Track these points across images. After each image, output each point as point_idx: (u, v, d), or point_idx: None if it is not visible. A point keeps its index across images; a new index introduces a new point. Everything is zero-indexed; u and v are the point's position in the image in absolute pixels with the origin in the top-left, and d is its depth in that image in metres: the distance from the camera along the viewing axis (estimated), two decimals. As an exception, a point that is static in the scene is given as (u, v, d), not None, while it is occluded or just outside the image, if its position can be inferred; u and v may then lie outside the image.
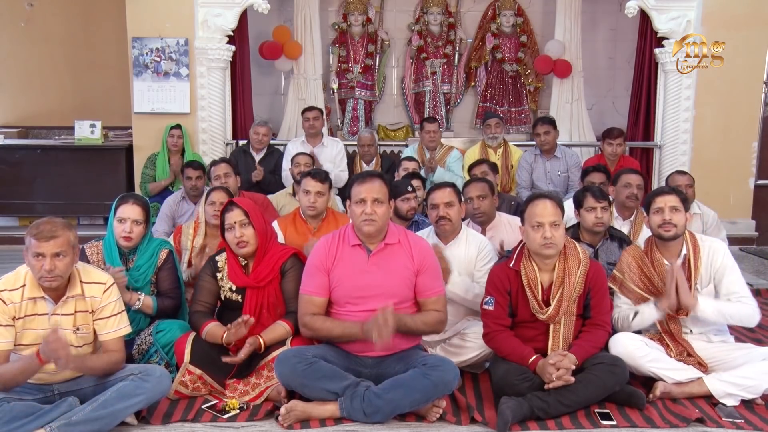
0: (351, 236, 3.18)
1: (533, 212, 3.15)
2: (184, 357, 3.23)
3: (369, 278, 3.10)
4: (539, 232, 3.11)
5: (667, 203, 3.33)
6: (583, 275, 3.17)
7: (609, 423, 3.00)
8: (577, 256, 3.20)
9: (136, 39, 6.35)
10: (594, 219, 3.82)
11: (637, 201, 4.33)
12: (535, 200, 3.20)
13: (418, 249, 3.18)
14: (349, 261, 3.15)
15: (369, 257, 3.13)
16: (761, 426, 3.00)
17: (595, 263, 3.28)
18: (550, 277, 3.19)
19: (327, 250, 3.18)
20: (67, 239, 2.75)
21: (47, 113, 7.59)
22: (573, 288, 3.15)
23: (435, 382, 2.96)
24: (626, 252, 3.55)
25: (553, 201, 3.18)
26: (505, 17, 7.63)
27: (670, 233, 3.32)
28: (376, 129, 7.62)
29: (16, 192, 6.73)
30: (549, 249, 3.12)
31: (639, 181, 4.38)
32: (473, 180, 4.31)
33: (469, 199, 4.11)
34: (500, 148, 6.07)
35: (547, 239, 3.10)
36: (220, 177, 4.75)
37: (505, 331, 3.20)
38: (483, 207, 4.10)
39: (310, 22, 7.38)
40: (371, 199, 3.08)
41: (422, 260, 3.16)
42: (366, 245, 3.15)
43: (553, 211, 3.13)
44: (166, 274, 3.57)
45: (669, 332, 3.37)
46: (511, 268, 3.22)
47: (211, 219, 4.12)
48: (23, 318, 2.80)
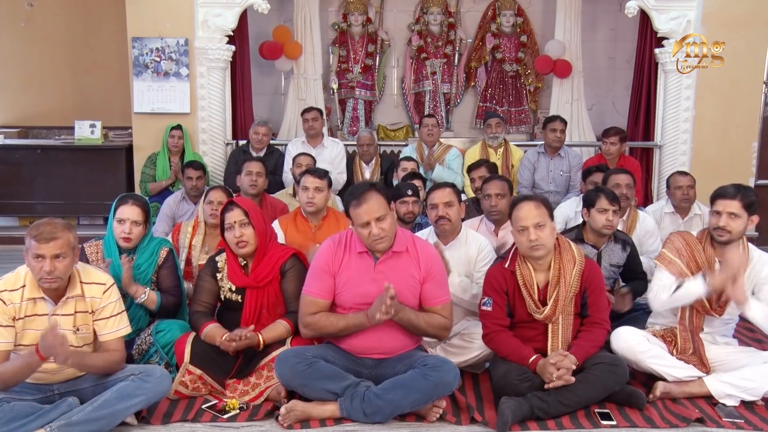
0: (357, 243, 3.15)
1: (516, 216, 3.15)
2: (184, 357, 3.23)
3: (375, 286, 3.06)
4: (524, 236, 3.11)
5: (726, 209, 3.25)
6: (578, 274, 3.16)
7: (609, 423, 3.00)
8: (571, 255, 3.19)
9: (136, 39, 6.35)
10: (604, 221, 3.79)
11: (627, 200, 4.34)
12: (518, 204, 3.18)
13: (425, 257, 3.15)
14: (355, 268, 3.12)
15: (375, 265, 3.11)
16: (761, 426, 3.00)
17: (590, 262, 3.27)
18: (545, 277, 3.18)
19: (333, 255, 3.15)
20: (67, 241, 2.75)
21: (47, 113, 7.59)
22: (569, 287, 3.14)
23: (435, 382, 2.95)
24: (678, 234, 3.46)
25: (535, 202, 3.16)
26: (505, 17, 7.63)
27: (723, 239, 3.26)
28: (376, 129, 7.62)
29: (16, 192, 6.73)
30: (537, 251, 3.11)
31: (628, 181, 4.40)
32: (494, 177, 4.29)
33: (487, 196, 4.10)
34: (501, 148, 6.07)
35: (533, 241, 3.08)
36: (251, 174, 4.74)
37: (504, 332, 3.20)
38: (501, 205, 4.06)
39: (310, 22, 7.38)
40: (374, 220, 3.02)
41: (429, 268, 3.13)
42: (373, 253, 3.13)
43: (536, 212, 3.11)
44: (166, 273, 3.57)
45: (688, 328, 3.32)
46: (507, 269, 3.22)
47: (209, 218, 4.13)
48: (23, 318, 2.80)
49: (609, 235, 3.89)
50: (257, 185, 4.75)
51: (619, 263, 3.92)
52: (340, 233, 3.28)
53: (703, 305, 3.29)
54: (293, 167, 5.35)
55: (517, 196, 3.43)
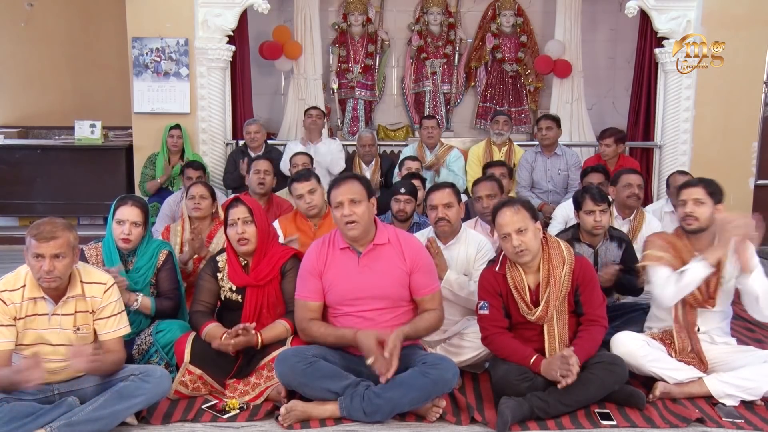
0: (339, 240, 3.18)
1: (498, 223, 3.14)
2: (184, 357, 3.23)
3: (361, 280, 3.09)
4: (508, 242, 3.10)
5: (690, 196, 3.30)
6: (569, 273, 3.14)
7: (609, 423, 3.00)
8: (560, 255, 3.17)
9: (136, 39, 6.35)
10: (593, 222, 3.81)
11: (638, 201, 4.34)
12: (498, 211, 3.16)
13: (409, 248, 3.17)
14: (339, 264, 3.15)
15: (359, 259, 3.13)
16: (761, 426, 3.00)
17: (580, 259, 3.24)
18: (536, 279, 3.17)
19: (318, 254, 3.19)
20: (67, 240, 2.75)
21: (47, 113, 7.60)
22: (560, 287, 3.13)
23: (434, 380, 2.96)
24: (655, 235, 3.49)
25: (514, 207, 3.12)
26: (505, 17, 7.63)
27: (692, 227, 3.28)
28: (376, 129, 7.62)
29: (16, 192, 6.74)
30: (522, 256, 3.10)
31: (639, 181, 4.39)
32: (483, 179, 4.29)
33: (478, 198, 4.10)
34: (505, 147, 6.09)
35: (516, 247, 3.08)
36: (259, 172, 4.81)
37: (503, 333, 3.19)
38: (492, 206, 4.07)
39: (310, 22, 7.38)
40: (347, 201, 3.06)
41: (415, 259, 3.15)
42: (355, 248, 3.15)
43: (516, 217, 3.09)
44: (165, 275, 3.56)
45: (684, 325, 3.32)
46: (498, 272, 3.22)
47: (192, 212, 4.19)
48: (24, 318, 2.80)
49: (603, 234, 3.89)
50: (265, 183, 4.81)
51: (616, 261, 3.92)
52: (325, 234, 3.31)
53: (695, 297, 3.29)
54: (290, 167, 5.36)
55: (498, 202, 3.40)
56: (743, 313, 3.61)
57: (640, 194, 4.36)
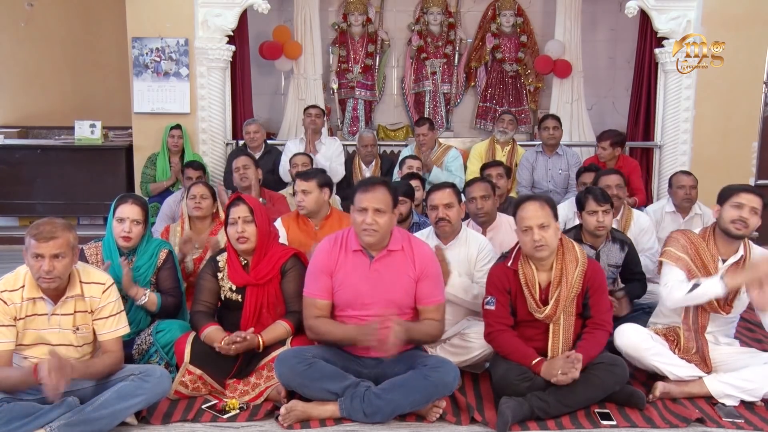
0: (353, 241, 3.15)
1: (521, 216, 3.14)
2: (184, 357, 3.22)
3: (370, 285, 3.07)
4: (528, 236, 3.10)
5: (750, 203, 3.23)
6: (581, 275, 3.15)
7: (609, 423, 3.00)
8: (574, 256, 3.19)
9: (136, 39, 6.35)
10: (595, 222, 3.81)
11: (620, 200, 4.35)
12: (522, 204, 3.17)
13: (420, 256, 3.15)
14: (350, 266, 3.12)
15: (371, 264, 3.11)
16: (761, 426, 3.00)
17: (593, 262, 3.26)
18: (548, 277, 3.18)
19: (329, 253, 3.15)
20: (66, 240, 2.75)
21: (47, 113, 7.59)
22: (571, 287, 3.13)
23: (435, 382, 2.96)
24: (681, 232, 3.44)
25: (539, 202, 3.15)
26: (505, 17, 7.63)
27: (740, 232, 3.24)
28: (376, 129, 7.62)
29: (16, 192, 6.74)
30: (541, 251, 3.11)
31: (618, 181, 4.42)
32: (476, 180, 4.30)
33: (472, 199, 4.10)
34: (508, 146, 6.10)
35: (537, 242, 3.08)
36: (239, 169, 4.94)
37: (507, 331, 3.19)
38: (486, 207, 4.08)
39: (310, 22, 7.38)
40: (372, 209, 3.02)
41: (424, 267, 3.13)
42: (368, 252, 3.13)
43: (541, 213, 3.10)
44: (166, 274, 3.57)
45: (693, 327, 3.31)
46: (510, 268, 3.22)
47: (193, 211, 4.19)
48: (24, 318, 2.81)
49: (605, 235, 3.89)
50: (248, 177, 4.89)
51: (618, 263, 3.92)
52: (337, 232, 3.28)
53: (712, 304, 3.27)
54: (290, 168, 5.36)
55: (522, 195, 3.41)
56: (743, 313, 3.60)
57: (620, 193, 4.37)
